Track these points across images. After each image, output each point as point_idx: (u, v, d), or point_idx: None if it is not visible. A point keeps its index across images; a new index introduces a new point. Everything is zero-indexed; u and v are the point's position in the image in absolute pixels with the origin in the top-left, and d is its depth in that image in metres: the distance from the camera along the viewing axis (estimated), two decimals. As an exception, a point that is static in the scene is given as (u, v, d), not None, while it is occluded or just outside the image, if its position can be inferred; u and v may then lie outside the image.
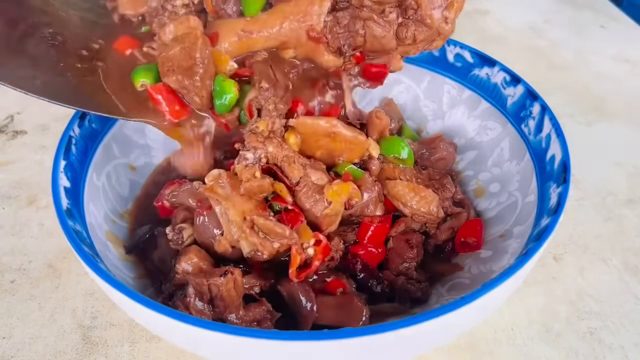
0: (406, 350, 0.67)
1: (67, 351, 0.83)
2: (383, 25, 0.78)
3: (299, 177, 0.77)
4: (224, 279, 0.70)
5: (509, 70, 0.99)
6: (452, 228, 0.88)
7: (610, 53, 1.59)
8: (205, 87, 0.76)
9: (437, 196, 0.86)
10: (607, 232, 1.03)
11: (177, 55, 0.75)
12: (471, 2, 1.92)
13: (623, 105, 1.37)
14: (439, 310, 0.59)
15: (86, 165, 0.89)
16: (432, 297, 0.82)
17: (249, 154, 0.76)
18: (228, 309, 0.71)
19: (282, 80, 0.81)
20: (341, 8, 0.79)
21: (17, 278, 0.95)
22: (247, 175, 0.74)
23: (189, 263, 0.76)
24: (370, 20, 0.78)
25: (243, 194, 0.74)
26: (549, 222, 0.72)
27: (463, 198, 0.93)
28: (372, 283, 0.80)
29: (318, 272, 0.78)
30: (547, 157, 0.85)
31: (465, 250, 0.87)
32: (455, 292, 0.81)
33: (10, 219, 1.06)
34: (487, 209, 0.94)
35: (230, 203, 0.74)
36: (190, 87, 0.76)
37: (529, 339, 0.85)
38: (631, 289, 0.93)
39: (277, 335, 0.57)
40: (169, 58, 0.75)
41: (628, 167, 1.18)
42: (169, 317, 0.60)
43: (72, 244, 0.69)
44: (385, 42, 0.79)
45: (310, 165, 0.79)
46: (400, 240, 0.84)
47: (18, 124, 1.32)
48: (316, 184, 0.77)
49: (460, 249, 0.87)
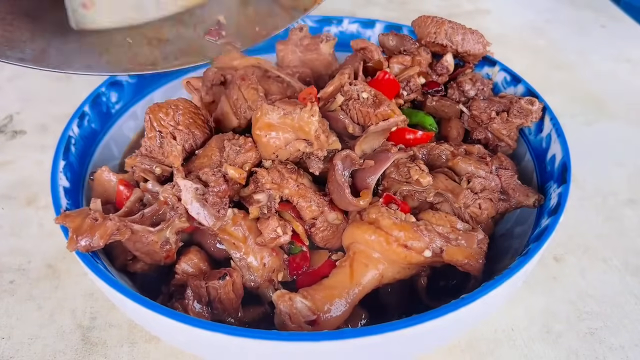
0: (407, 350, 0.67)
1: (67, 352, 0.83)
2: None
3: (312, 218, 0.76)
4: (222, 281, 0.70)
5: (509, 70, 0.99)
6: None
7: (610, 53, 1.59)
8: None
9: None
10: (608, 232, 1.03)
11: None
12: (472, 2, 1.91)
13: (624, 105, 1.37)
14: (439, 311, 0.59)
15: (85, 165, 0.89)
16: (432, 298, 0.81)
17: (261, 196, 0.75)
18: (227, 311, 0.71)
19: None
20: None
21: (17, 278, 0.95)
22: (268, 231, 0.73)
23: (189, 263, 0.75)
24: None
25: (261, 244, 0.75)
26: (549, 223, 0.72)
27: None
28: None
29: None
30: (547, 157, 0.85)
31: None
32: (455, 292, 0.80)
33: (10, 219, 1.06)
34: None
35: (249, 249, 0.74)
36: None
37: (529, 339, 0.85)
38: (632, 290, 0.93)
39: (277, 336, 0.57)
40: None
41: (629, 167, 1.18)
42: (168, 318, 0.59)
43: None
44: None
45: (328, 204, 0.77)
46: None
47: (17, 124, 1.32)
48: (332, 224, 0.77)
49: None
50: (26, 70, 1.55)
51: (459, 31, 0.95)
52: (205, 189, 0.71)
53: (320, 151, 0.74)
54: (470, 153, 0.83)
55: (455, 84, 0.97)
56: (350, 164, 0.75)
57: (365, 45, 0.96)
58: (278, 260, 0.76)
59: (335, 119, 0.79)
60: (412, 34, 1.04)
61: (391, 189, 0.78)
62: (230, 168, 0.74)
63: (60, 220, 0.70)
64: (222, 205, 0.71)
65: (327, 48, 0.99)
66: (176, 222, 0.73)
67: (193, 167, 0.77)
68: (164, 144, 0.79)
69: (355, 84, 0.80)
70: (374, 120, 0.78)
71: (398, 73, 0.95)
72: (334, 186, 0.75)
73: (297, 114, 0.72)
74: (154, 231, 0.72)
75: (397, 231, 0.70)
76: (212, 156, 0.78)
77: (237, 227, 0.74)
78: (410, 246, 0.70)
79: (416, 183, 0.76)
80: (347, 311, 0.70)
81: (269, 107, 0.74)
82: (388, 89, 0.88)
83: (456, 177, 0.79)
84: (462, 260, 0.70)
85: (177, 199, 0.72)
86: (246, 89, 0.83)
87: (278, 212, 0.76)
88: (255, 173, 0.76)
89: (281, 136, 0.75)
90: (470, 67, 1.00)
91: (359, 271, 0.71)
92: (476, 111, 0.91)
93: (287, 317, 0.67)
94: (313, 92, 0.80)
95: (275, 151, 0.76)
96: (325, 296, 0.69)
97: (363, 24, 1.18)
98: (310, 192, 0.76)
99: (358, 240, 0.72)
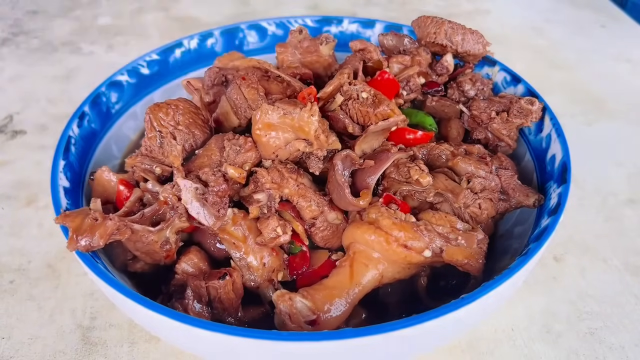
0: (407, 350, 0.67)
1: (67, 351, 0.83)
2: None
3: (312, 218, 0.76)
4: (222, 281, 0.70)
5: (509, 70, 0.99)
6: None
7: (610, 53, 1.59)
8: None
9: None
10: (608, 232, 1.03)
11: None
12: (472, 2, 1.92)
13: (624, 105, 1.37)
14: (439, 311, 0.59)
15: (85, 166, 0.89)
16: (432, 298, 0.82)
17: (260, 196, 0.75)
18: (227, 311, 0.71)
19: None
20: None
21: (17, 278, 0.95)
22: (268, 231, 0.73)
23: (189, 263, 0.75)
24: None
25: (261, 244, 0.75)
26: (549, 223, 0.71)
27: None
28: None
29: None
30: (547, 157, 0.85)
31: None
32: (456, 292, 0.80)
33: (10, 219, 1.06)
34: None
35: (249, 248, 0.74)
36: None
37: (530, 339, 0.85)
38: (632, 289, 0.93)
39: (277, 336, 0.57)
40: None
41: (629, 167, 1.18)
42: (168, 318, 0.59)
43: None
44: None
45: (328, 204, 0.77)
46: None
47: (17, 124, 1.32)
48: (332, 224, 0.77)
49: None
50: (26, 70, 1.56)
51: (459, 31, 0.95)
52: (205, 188, 0.71)
53: (320, 151, 0.74)
54: (470, 153, 0.82)
55: (455, 84, 0.97)
56: (350, 163, 0.75)
57: (364, 46, 0.96)
58: (278, 260, 0.76)
59: (335, 118, 0.79)
60: (412, 34, 1.04)
61: (391, 189, 0.78)
62: (230, 168, 0.73)
63: (60, 220, 0.70)
64: (222, 205, 0.71)
65: (326, 50, 0.99)
66: (176, 221, 0.73)
67: (193, 167, 0.77)
68: (164, 143, 0.79)
69: (354, 84, 0.80)
70: (373, 120, 0.77)
71: (397, 73, 0.95)
72: (334, 186, 0.75)
73: (297, 113, 0.72)
74: (154, 231, 0.72)
75: (397, 231, 0.70)
76: (212, 156, 0.77)
77: (237, 226, 0.75)
78: (410, 246, 0.70)
79: (416, 183, 0.76)
80: (347, 311, 0.70)
81: (269, 107, 0.74)
82: (388, 89, 0.88)
83: (456, 177, 0.79)
84: (462, 260, 0.70)
85: (177, 198, 0.72)
86: (246, 89, 0.83)
87: (278, 212, 0.76)
88: (255, 173, 0.76)
89: (281, 136, 0.75)
90: (470, 67, 1.00)
91: (359, 271, 0.71)
92: (476, 111, 0.91)
93: (287, 317, 0.67)
94: (313, 92, 0.80)
95: (275, 151, 0.76)
96: (325, 296, 0.69)
97: (363, 24, 1.18)
98: (310, 192, 0.76)
99: (358, 240, 0.72)
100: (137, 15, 1.85)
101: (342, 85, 0.81)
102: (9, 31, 1.75)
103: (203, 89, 0.94)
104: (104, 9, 1.90)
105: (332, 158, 0.76)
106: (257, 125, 0.75)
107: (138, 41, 1.70)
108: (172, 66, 1.11)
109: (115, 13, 1.87)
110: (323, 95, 0.81)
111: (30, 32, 1.74)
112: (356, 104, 0.78)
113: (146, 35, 1.74)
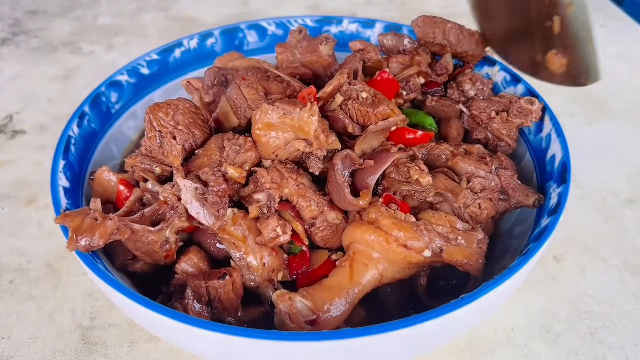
0: (407, 350, 0.67)
1: (67, 351, 0.83)
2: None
3: (312, 218, 0.76)
4: (222, 281, 0.70)
5: (509, 70, 0.99)
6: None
7: (610, 53, 1.59)
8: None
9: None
10: (608, 232, 1.03)
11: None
12: (471, 2, 1.91)
13: (624, 105, 1.37)
14: (439, 311, 0.59)
15: (85, 165, 0.89)
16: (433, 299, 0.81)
17: (260, 196, 0.75)
18: (227, 311, 0.71)
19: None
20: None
21: (17, 278, 0.95)
22: (268, 231, 0.73)
23: (189, 263, 0.75)
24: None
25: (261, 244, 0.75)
26: (549, 223, 0.71)
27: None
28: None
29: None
30: (547, 157, 0.85)
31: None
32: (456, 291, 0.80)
33: (10, 219, 1.06)
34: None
35: (249, 248, 0.74)
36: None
37: (529, 339, 0.85)
38: (631, 289, 0.93)
39: (277, 336, 0.57)
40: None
41: (628, 167, 1.18)
42: (168, 318, 0.59)
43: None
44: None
45: (327, 204, 0.77)
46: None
47: (17, 124, 1.32)
48: (332, 224, 0.77)
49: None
50: (26, 70, 1.56)
51: (459, 31, 0.95)
52: (205, 188, 0.71)
53: (320, 151, 0.74)
54: (470, 153, 0.82)
55: (455, 84, 0.97)
56: (350, 164, 0.75)
57: (364, 46, 0.96)
58: (278, 260, 0.76)
59: (335, 119, 0.79)
60: (412, 34, 1.04)
61: (391, 189, 0.78)
62: (230, 168, 0.74)
63: (60, 220, 0.70)
64: (222, 205, 0.71)
65: (326, 50, 0.99)
66: (176, 221, 0.73)
67: (193, 167, 0.77)
68: (164, 144, 0.79)
69: (354, 84, 0.80)
70: (373, 120, 0.77)
71: (397, 73, 0.95)
72: (334, 186, 0.75)
73: (297, 113, 0.72)
74: (154, 231, 0.72)
75: (397, 231, 0.70)
76: (212, 156, 0.77)
77: (237, 226, 0.75)
78: (410, 246, 0.70)
79: (416, 183, 0.76)
80: (347, 311, 0.70)
81: (269, 107, 0.74)
82: (388, 89, 0.88)
83: (456, 177, 0.79)
84: (462, 260, 0.70)
85: (177, 198, 0.72)
86: (246, 89, 0.83)
87: (278, 212, 0.76)
88: (255, 173, 0.76)
89: (281, 136, 0.75)
90: (470, 68, 1.00)
91: (359, 271, 0.72)
92: (476, 111, 0.91)
93: (287, 317, 0.67)
94: (313, 92, 0.80)
95: (275, 151, 0.76)
96: (325, 296, 0.69)
97: (363, 24, 1.18)
98: (310, 192, 0.76)
99: (358, 240, 0.72)
100: (137, 15, 1.85)
101: (342, 85, 0.81)
102: (9, 31, 1.75)
103: (203, 89, 0.94)
104: (104, 9, 1.90)
105: (332, 158, 0.76)
106: (257, 125, 0.75)
107: (138, 41, 1.70)
108: (172, 66, 1.11)
109: (115, 13, 1.87)
110: (323, 95, 0.81)
111: (30, 32, 1.74)
112: (356, 104, 0.78)
113: (146, 35, 1.74)
